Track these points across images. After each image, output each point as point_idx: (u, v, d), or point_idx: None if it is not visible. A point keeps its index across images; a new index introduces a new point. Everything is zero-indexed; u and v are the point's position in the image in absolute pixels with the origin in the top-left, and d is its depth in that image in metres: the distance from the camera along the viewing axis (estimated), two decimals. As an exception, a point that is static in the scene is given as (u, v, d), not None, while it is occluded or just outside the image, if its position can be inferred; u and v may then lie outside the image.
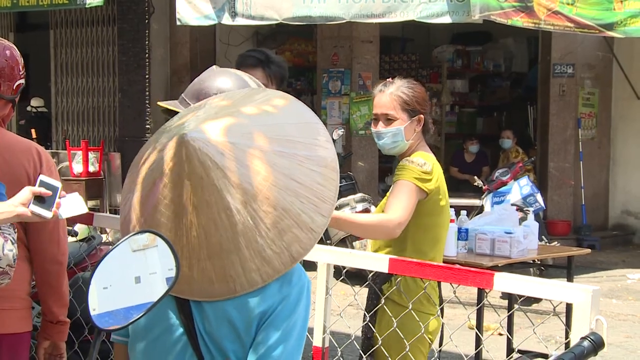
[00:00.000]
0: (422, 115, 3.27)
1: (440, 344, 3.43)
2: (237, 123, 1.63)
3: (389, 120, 3.26)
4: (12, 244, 2.47)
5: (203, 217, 1.56)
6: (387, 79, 3.37)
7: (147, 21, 10.83)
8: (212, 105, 1.71)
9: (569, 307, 4.39)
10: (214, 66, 2.11)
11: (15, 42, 10.59)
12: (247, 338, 1.65)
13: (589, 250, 6.05)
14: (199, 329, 1.67)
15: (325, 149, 1.70)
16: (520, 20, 7.33)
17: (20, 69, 2.96)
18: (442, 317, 3.34)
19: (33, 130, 11.66)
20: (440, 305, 3.29)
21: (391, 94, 3.26)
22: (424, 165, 3.19)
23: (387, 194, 3.33)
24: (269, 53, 3.66)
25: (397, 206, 3.11)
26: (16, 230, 2.55)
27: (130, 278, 1.45)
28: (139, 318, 1.44)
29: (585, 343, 1.67)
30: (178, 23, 8.59)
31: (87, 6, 9.71)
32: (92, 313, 1.41)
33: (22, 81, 2.97)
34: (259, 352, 1.64)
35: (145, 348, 1.70)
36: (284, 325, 1.66)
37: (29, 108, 12.63)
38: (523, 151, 10.04)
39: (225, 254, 1.56)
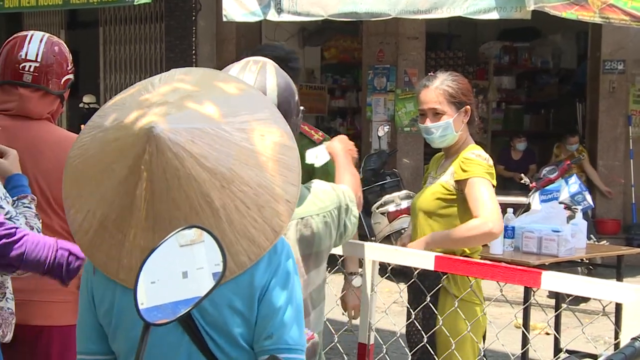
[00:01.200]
0: (468, 106, 3.28)
1: (483, 341, 3.42)
2: (196, 107, 1.62)
3: (437, 114, 3.26)
4: (39, 232, 2.49)
5: (183, 208, 1.55)
6: (429, 74, 3.37)
7: (194, 18, 10.92)
8: (159, 93, 1.67)
9: (618, 307, 4.32)
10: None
11: (66, 39, 10.68)
12: (252, 316, 1.68)
13: (639, 250, 5.95)
14: (199, 322, 1.66)
15: (278, 119, 1.71)
16: (575, 13, 7.19)
17: (69, 64, 3.01)
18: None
19: (82, 126, 11.82)
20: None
21: (436, 88, 3.26)
22: (488, 160, 3.21)
23: (440, 184, 3.30)
24: (283, 53, 3.35)
25: (488, 206, 3.10)
26: (41, 220, 2.57)
27: (178, 273, 1.46)
28: (187, 312, 1.45)
29: (637, 344, 1.63)
30: (224, 19, 8.63)
31: (135, 3, 9.81)
32: (140, 307, 1.43)
33: (71, 76, 3.02)
34: (269, 323, 1.67)
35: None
36: (284, 291, 1.70)
37: (81, 105, 12.83)
38: (583, 147, 9.90)
39: None
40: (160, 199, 1.55)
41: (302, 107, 2.34)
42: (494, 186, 3.21)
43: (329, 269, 2.46)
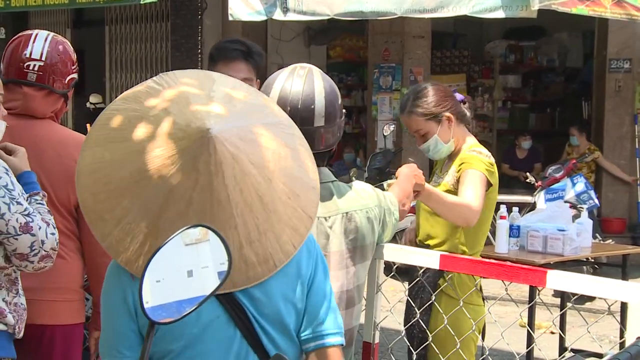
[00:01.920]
0: (447, 114, 3.25)
1: (483, 339, 3.42)
2: (234, 106, 1.66)
3: (423, 135, 3.29)
4: (54, 228, 2.51)
5: (240, 206, 1.58)
6: (405, 95, 3.39)
7: (199, 17, 10.92)
8: (196, 92, 1.68)
9: (624, 306, 4.31)
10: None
11: (71, 38, 10.69)
12: (302, 306, 1.76)
13: (644, 249, 5.93)
14: (252, 315, 1.69)
15: (282, 113, 1.80)
16: (585, 9, 7.15)
17: (73, 63, 3.01)
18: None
19: (88, 125, 11.83)
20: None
21: (409, 113, 3.29)
22: (490, 157, 3.22)
23: (442, 185, 3.31)
24: (248, 43, 3.50)
25: (475, 195, 3.12)
26: (52, 215, 2.58)
27: (183, 272, 1.47)
28: (191, 311, 1.45)
29: (642, 343, 1.63)
30: (230, 18, 8.63)
31: (141, 2, 9.82)
32: (145, 306, 1.43)
33: (75, 76, 3.02)
34: (320, 310, 1.76)
35: (193, 356, 1.69)
36: (326, 278, 1.80)
37: (87, 104, 12.83)
38: (594, 147, 9.85)
39: (263, 236, 1.59)
40: (218, 199, 1.57)
41: (344, 110, 2.47)
42: (490, 184, 3.21)
43: None
